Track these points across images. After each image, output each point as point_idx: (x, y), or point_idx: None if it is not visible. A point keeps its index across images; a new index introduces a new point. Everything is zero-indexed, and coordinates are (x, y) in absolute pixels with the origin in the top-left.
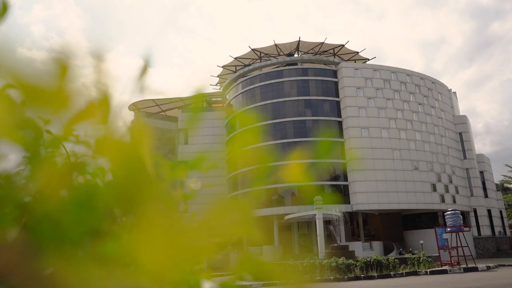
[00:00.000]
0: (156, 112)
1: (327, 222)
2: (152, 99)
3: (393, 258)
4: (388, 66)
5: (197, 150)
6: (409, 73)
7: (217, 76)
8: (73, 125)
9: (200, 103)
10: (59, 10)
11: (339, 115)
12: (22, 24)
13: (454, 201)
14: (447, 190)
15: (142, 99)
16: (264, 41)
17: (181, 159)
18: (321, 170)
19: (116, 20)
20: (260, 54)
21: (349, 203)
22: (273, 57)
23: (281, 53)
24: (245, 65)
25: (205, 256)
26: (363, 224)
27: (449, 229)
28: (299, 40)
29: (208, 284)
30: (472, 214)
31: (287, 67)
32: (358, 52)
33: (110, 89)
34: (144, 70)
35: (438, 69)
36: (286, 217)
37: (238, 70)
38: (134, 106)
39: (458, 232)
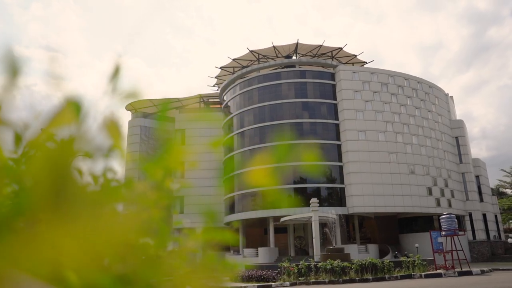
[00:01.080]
0: (153, 112)
1: (323, 225)
2: (149, 99)
3: (388, 261)
4: (386, 70)
5: (194, 151)
6: (407, 77)
7: (215, 77)
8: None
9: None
10: (58, 9)
11: (336, 117)
12: (20, 22)
13: (450, 205)
14: (442, 194)
15: (139, 99)
16: (262, 43)
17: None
18: (315, 173)
19: (114, 20)
20: (258, 56)
21: (345, 205)
22: (271, 59)
23: (279, 55)
24: (243, 67)
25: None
26: (359, 227)
27: (444, 232)
28: (298, 42)
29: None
30: (467, 218)
31: (285, 69)
32: (356, 55)
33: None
34: (116, 71)
35: (436, 73)
36: (282, 219)
37: (236, 71)
38: (131, 106)
39: (453, 236)
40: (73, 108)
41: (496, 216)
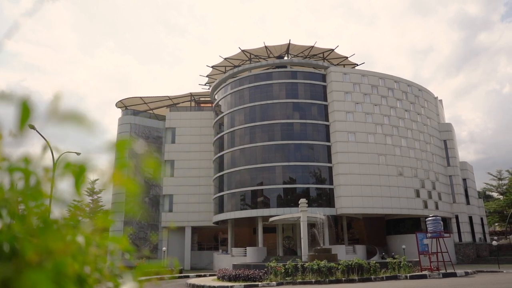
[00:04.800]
0: (144, 110)
1: (312, 225)
2: (140, 97)
3: (374, 262)
4: (376, 72)
5: (183, 149)
6: (397, 80)
7: (207, 76)
8: None
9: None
10: (48, 4)
11: (326, 119)
12: (9, 16)
13: (437, 207)
14: (430, 196)
15: (130, 97)
16: (254, 43)
17: (167, 158)
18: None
19: (106, 16)
20: (250, 56)
21: (334, 206)
22: (263, 59)
23: (271, 55)
24: (235, 66)
25: None
26: (347, 228)
27: (429, 234)
28: (289, 43)
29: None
30: (454, 220)
31: (276, 70)
32: (347, 57)
33: None
34: None
35: (426, 77)
36: (271, 219)
37: (227, 70)
38: (121, 104)
39: (438, 238)
40: None
41: (482, 218)
